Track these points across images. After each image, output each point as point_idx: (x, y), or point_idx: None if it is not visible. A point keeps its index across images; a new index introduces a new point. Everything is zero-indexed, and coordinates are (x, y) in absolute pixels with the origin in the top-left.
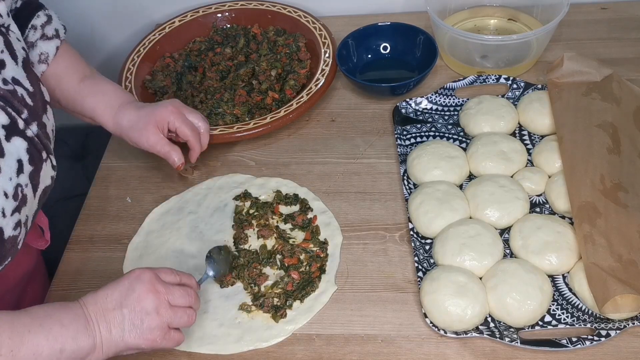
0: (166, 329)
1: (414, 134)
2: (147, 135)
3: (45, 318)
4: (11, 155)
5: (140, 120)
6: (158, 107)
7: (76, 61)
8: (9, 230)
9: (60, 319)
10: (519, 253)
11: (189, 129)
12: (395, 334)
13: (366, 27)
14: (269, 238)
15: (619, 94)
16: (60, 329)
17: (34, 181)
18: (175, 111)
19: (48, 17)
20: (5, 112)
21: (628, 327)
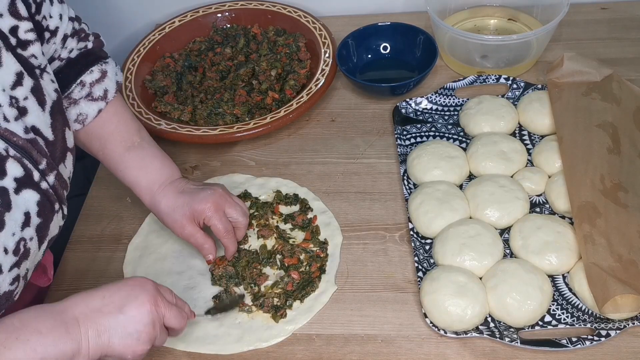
0: (151, 344)
1: (414, 134)
2: (182, 226)
3: (22, 329)
4: (19, 208)
5: (177, 209)
6: (197, 199)
7: (125, 125)
8: (5, 286)
9: (37, 328)
10: (519, 253)
11: (223, 229)
12: (395, 334)
13: (366, 27)
14: (269, 238)
15: (619, 94)
16: (38, 337)
17: (41, 233)
18: (214, 207)
19: (102, 74)
20: (21, 164)
21: (628, 327)
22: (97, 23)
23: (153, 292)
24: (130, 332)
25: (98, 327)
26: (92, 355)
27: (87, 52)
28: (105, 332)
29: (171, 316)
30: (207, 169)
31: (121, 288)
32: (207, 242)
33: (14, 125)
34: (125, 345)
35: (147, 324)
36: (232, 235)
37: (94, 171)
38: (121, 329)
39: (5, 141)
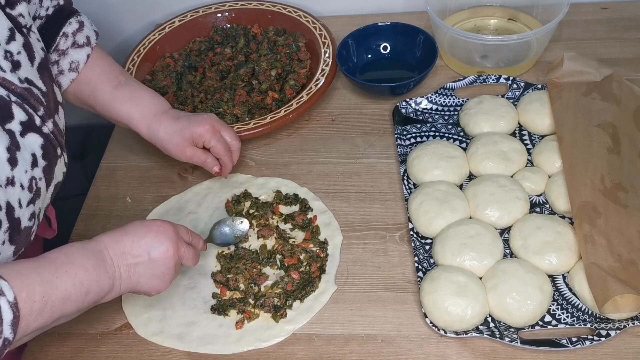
0: (171, 283)
1: (414, 134)
2: (183, 150)
3: (69, 265)
4: (26, 149)
5: (176, 134)
6: (194, 123)
7: (109, 67)
8: (25, 221)
9: (84, 265)
10: (519, 253)
11: (223, 148)
12: (395, 334)
13: (366, 27)
14: (269, 238)
15: (619, 94)
16: (85, 274)
17: (48, 176)
18: (212, 130)
19: (80, 24)
20: (23, 109)
21: (628, 327)
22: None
23: (175, 239)
24: (156, 274)
25: (129, 268)
26: (123, 291)
27: (61, 8)
28: (135, 273)
29: (188, 257)
30: None
31: (147, 233)
32: (208, 157)
33: (10, 76)
34: (151, 285)
35: (170, 267)
36: (230, 154)
37: (94, 171)
38: (149, 271)
39: (5, 88)
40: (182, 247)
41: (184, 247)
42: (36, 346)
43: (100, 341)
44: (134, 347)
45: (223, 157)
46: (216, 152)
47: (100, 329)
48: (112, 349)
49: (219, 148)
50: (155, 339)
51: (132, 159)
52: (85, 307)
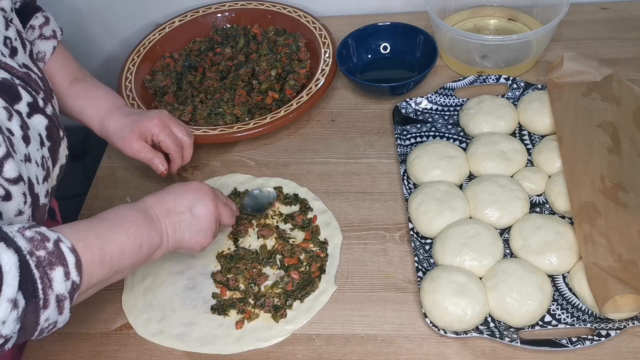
0: (214, 238)
1: (414, 134)
2: (130, 144)
3: (121, 221)
4: (34, 129)
5: (125, 128)
6: (144, 117)
7: (69, 63)
8: (42, 197)
9: (135, 220)
10: (519, 253)
11: (172, 143)
12: (395, 334)
13: (366, 27)
14: (269, 238)
15: (619, 94)
16: (137, 228)
17: (53, 156)
18: (161, 124)
19: (46, 19)
20: (27, 91)
21: (628, 327)
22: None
23: (213, 196)
24: (200, 228)
25: (174, 224)
26: (170, 247)
27: (26, 3)
28: (180, 228)
29: (226, 215)
30: (207, 169)
31: (187, 192)
32: (156, 156)
33: (10, 61)
34: (195, 240)
35: (212, 222)
36: (180, 150)
37: (94, 171)
38: (192, 226)
39: (8, 72)
40: (220, 205)
41: (222, 205)
42: (36, 346)
43: (100, 341)
44: (134, 347)
45: (173, 153)
46: (165, 147)
47: (100, 329)
48: (112, 349)
49: (168, 143)
50: (155, 339)
51: (132, 159)
52: (139, 261)
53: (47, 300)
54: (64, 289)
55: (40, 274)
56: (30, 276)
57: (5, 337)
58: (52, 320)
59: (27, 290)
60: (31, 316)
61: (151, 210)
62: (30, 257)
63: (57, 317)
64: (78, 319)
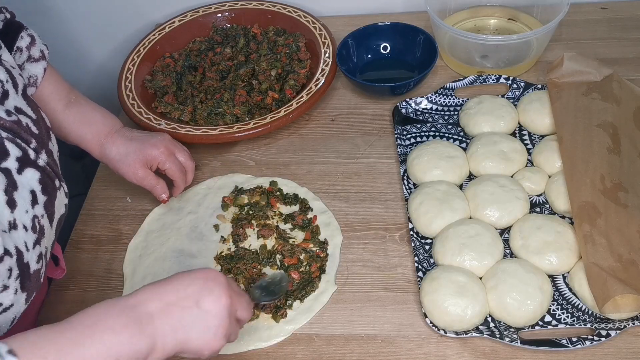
0: (227, 339)
1: (414, 134)
2: (134, 171)
3: (94, 327)
4: (24, 187)
5: (129, 155)
6: (148, 145)
7: (61, 85)
8: (33, 264)
9: (110, 325)
10: (519, 253)
11: (177, 170)
12: (395, 334)
13: (366, 27)
14: (269, 238)
15: (619, 94)
16: (111, 336)
17: (49, 211)
18: (167, 152)
19: (31, 38)
20: (15, 144)
21: (628, 327)
22: (98, 23)
23: (226, 285)
24: (209, 326)
25: (174, 322)
26: (169, 351)
27: (9, 22)
28: (182, 327)
29: (242, 308)
30: (207, 169)
31: (194, 281)
32: (159, 183)
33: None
34: (203, 341)
35: (224, 317)
36: (184, 176)
37: (94, 171)
38: (199, 323)
39: None
40: (235, 295)
41: (236, 295)
42: None
43: None
44: None
45: (177, 180)
46: (171, 175)
47: None
48: None
49: (174, 170)
50: None
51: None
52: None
53: None
54: None
55: None
56: None
57: None
58: None
59: None
60: None
61: (142, 307)
62: None
63: None
64: None
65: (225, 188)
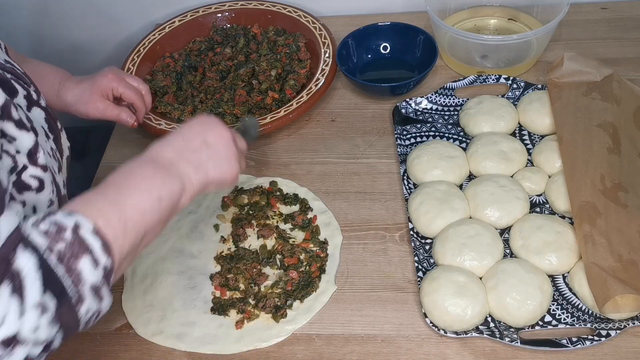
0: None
1: (414, 134)
2: (94, 105)
3: (129, 181)
4: (36, 122)
5: (84, 92)
6: (99, 77)
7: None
8: (62, 187)
9: (142, 174)
10: (519, 253)
11: (132, 92)
12: (395, 334)
13: (366, 27)
14: (269, 238)
15: (619, 94)
16: (149, 182)
17: (59, 148)
18: (117, 78)
19: None
20: (19, 84)
21: (628, 327)
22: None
23: (220, 121)
24: (221, 156)
25: (191, 163)
26: (196, 189)
27: None
28: (199, 165)
29: (238, 138)
30: None
31: (193, 125)
32: (122, 110)
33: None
34: (222, 171)
35: (231, 146)
36: (141, 98)
37: (94, 171)
38: (213, 157)
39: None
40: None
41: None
42: None
43: (100, 341)
44: (134, 347)
45: (135, 101)
46: (127, 98)
47: (100, 329)
48: (112, 349)
49: (129, 94)
50: (155, 339)
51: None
52: (166, 215)
53: (80, 294)
54: (96, 278)
55: (65, 269)
56: (53, 275)
57: (45, 341)
58: (94, 310)
59: (54, 290)
60: (68, 314)
61: (161, 157)
62: (50, 254)
63: (98, 305)
64: None
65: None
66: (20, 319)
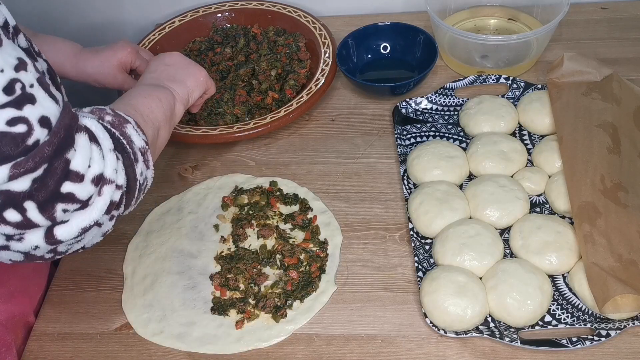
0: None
1: (414, 134)
2: (114, 76)
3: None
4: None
5: (104, 64)
6: (118, 50)
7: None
8: None
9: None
10: (519, 253)
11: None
12: (395, 334)
13: (366, 27)
14: (269, 238)
15: (619, 94)
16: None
17: None
18: (134, 51)
19: None
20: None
21: (628, 327)
22: (98, 23)
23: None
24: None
25: (169, 79)
26: (183, 96)
27: None
28: (174, 78)
29: None
30: (207, 169)
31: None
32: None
33: None
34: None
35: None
36: None
37: None
38: (178, 70)
39: None
40: None
41: None
42: (36, 346)
43: (100, 341)
44: (134, 347)
45: None
46: (142, 71)
47: (100, 329)
48: (112, 349)
49: (144, 66)
50: (155, 339)
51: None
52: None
53: (135, 153)
54: (141, 142)
55: (119, 132)
56: (112, 134)
57: (122, 187)
58: (144, 174)
59: (117, 146)
60: (129, 169)
61: (153, 80)
62: (103, 121)
63: (146, 171)
64: (78, 319)
65: (225, 188)
66: (104, 160)
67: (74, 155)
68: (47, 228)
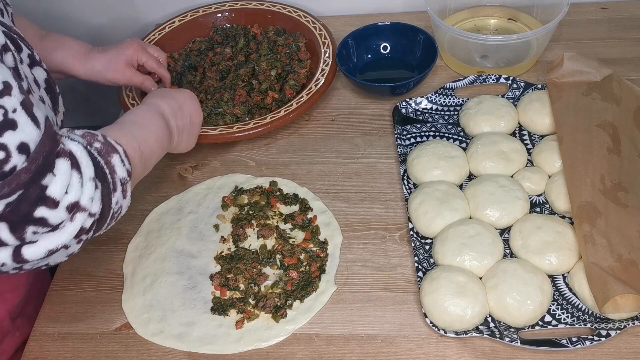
0: None
1: (414, 134)
2: (122, 72)
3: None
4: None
5: (111, 61)
6: (125, 47)
7: (30, 23)
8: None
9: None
10: (519, 253)
11: (154, 62)
12: (395, 334)
13: (366, 27)
14: (269, 238)
15: (619, 94)
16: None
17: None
18: (141, 49)
19: None
20: (24, 44)
21: (628, 327)
22: (98, 23)
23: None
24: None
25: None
26: (174, 145)
27: None
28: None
29: None
30: (207, 169)
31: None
32: (146, 79)
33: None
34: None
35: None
36: (162, 66)
37: None
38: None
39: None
40: None
41: None
42: (36, 346)
43: (100, 341)
44: (134, 347)
45: (158, 70)
46: (150, 66)
47: (100, 329)
48: (112, 349)
49: (151, 62)
50: (155, 339)
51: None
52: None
53: (114, 183)
54: (123, 173)
55: (104, 161)
56: (97, 163)
57: (95, 215)
58: (119, 204)
59: (98, 174)
60: (106, 198)
61: (160, 108)
62: (90, 148)
63: (122, 201)
64: (78, 319)
65: (225, 188)
66: (82, 188)
67: (51, 181)
68: (15, 247)
